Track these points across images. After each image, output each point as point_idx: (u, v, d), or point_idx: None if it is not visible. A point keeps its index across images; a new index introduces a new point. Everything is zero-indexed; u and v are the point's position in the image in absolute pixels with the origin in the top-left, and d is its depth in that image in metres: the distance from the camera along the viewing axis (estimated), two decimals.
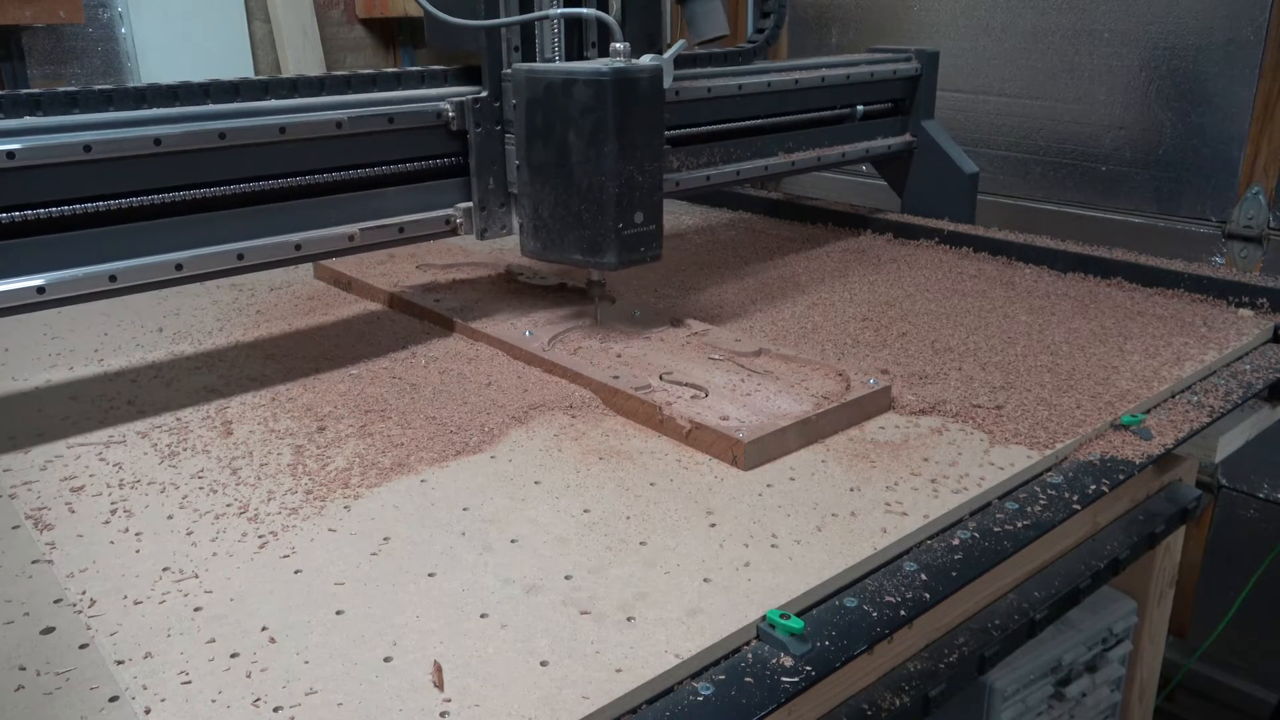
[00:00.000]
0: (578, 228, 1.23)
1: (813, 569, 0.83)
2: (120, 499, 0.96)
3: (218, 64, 3.00)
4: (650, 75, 1.20)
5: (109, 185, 1.08)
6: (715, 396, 1.12)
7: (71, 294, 1.07)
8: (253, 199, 1.19)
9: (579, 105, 1.17)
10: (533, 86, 1.21)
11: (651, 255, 1.27)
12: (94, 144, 1.05)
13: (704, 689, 0.71)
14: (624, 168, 1.19)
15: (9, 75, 2.58)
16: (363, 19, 3.36)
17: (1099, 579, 1.08)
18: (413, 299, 1.49)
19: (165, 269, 1.13)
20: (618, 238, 1.22)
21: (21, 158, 1.01)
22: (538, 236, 1.27)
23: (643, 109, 1.20)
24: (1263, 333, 1.39)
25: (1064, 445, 1.05)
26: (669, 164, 1.55)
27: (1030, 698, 1.26)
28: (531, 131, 1.23)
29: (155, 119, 1.10)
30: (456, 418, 1.13)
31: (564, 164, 1.21)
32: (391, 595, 0.80)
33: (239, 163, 1.16)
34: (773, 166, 1.72)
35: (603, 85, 1.16)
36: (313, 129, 1.19)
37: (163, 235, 1.13)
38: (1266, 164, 1.95)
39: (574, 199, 1.22)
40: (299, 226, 1.22)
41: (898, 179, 2.04)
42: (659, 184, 1.25)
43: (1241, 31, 1.93)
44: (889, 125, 1.97)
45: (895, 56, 1.95)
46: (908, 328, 1.42)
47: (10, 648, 0.75)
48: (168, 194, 1.12)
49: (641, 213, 1.23)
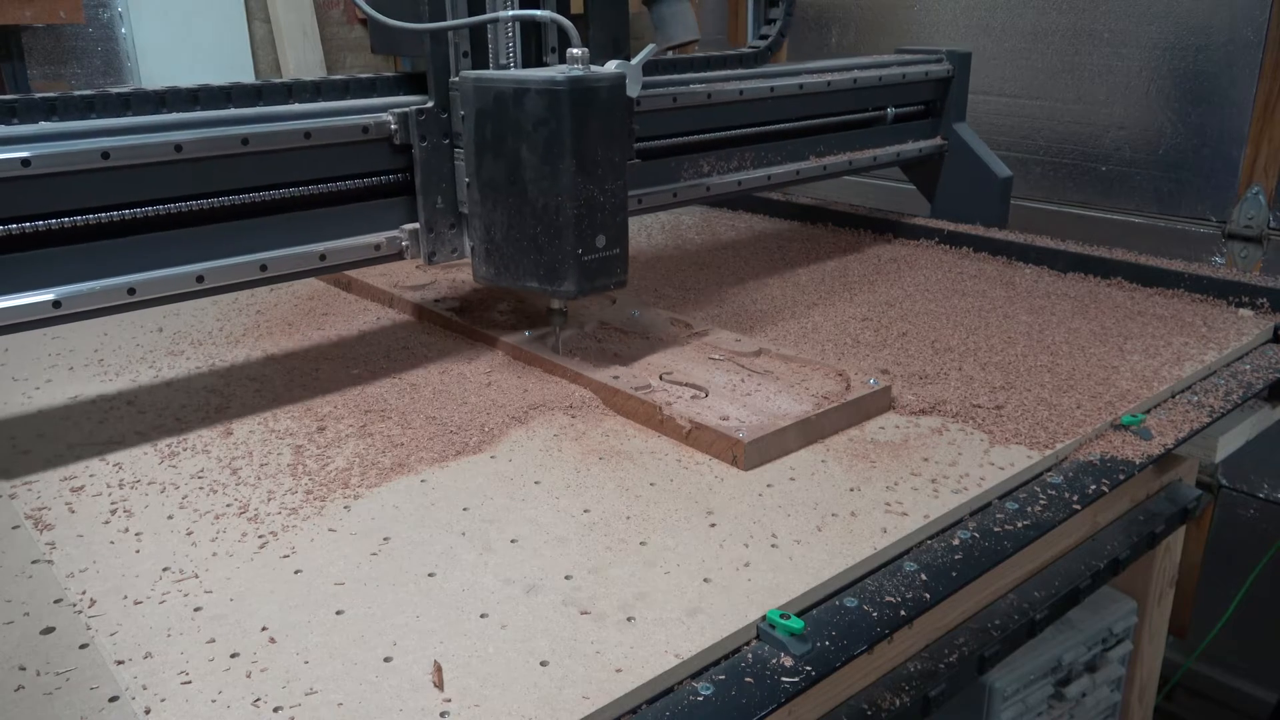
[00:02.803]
0: (533, 252, 1.13)
1: (813, 569, 0.83)
2: (120, 499, 0.96)
3: (218, 64, 3.00)
4: (611, 84, 1.10)
5: (128, 194, 1.04)
6: (715, 396, 1.12)
7: (88, 308, 1.03)
8: (276, 207, 1.14)
9: (532, 117, 1.08)
10: (481, 96, 1.11)
11: (616, 282, 1.17)
12: (112, 150, 1.00)
13: (704, 689, 0.71)
14: (583, 186, 1.10)
15: (9, 75, 2.58)
16: (363, 19, 3.36)
17: (1099, 579, 1.09)
18: (413, 299, 1.49)
19: (186, 281, 1.08)
20: (577, 263, 1.12)
21: (37, 165, 0.97)
22: (491, 261, 1.17)
23: (603, 121, 1.10)
24: (1263, 333, 1.39)
25: (1064, 445, 1.05)
26: (699, 168, 1.51)
27: (1030, 698, 1.26)
28: (481, 146, 1.13)
29: (175, 124, 1.07)
30: (456, 418, 1.13)
31: (517, 182, 1.11)
32: (391, 595, 0.80)
33: (263, 169, 1.12)
34: (804, 171, 1.68)
35: (557, 95, 1.06)
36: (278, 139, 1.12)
37: (183, 246, 1.09)
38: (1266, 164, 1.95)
39: (529, 221, 1.12)
40: (324, 236, 1.18)
41: (927, 183, 2.00)
42: (623, 204, 1.15)
43: (1241, 31, 1.93)
44: (920, 128, 1.92)
45: (926, 57, 1.91)
46: (908, 328, 1.42)
47: (10, 648, 0.75)
48: (188, 202, 1.08)
49: (604, 236, 1.13)
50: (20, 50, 2.59)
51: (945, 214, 1.95)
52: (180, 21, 2.91)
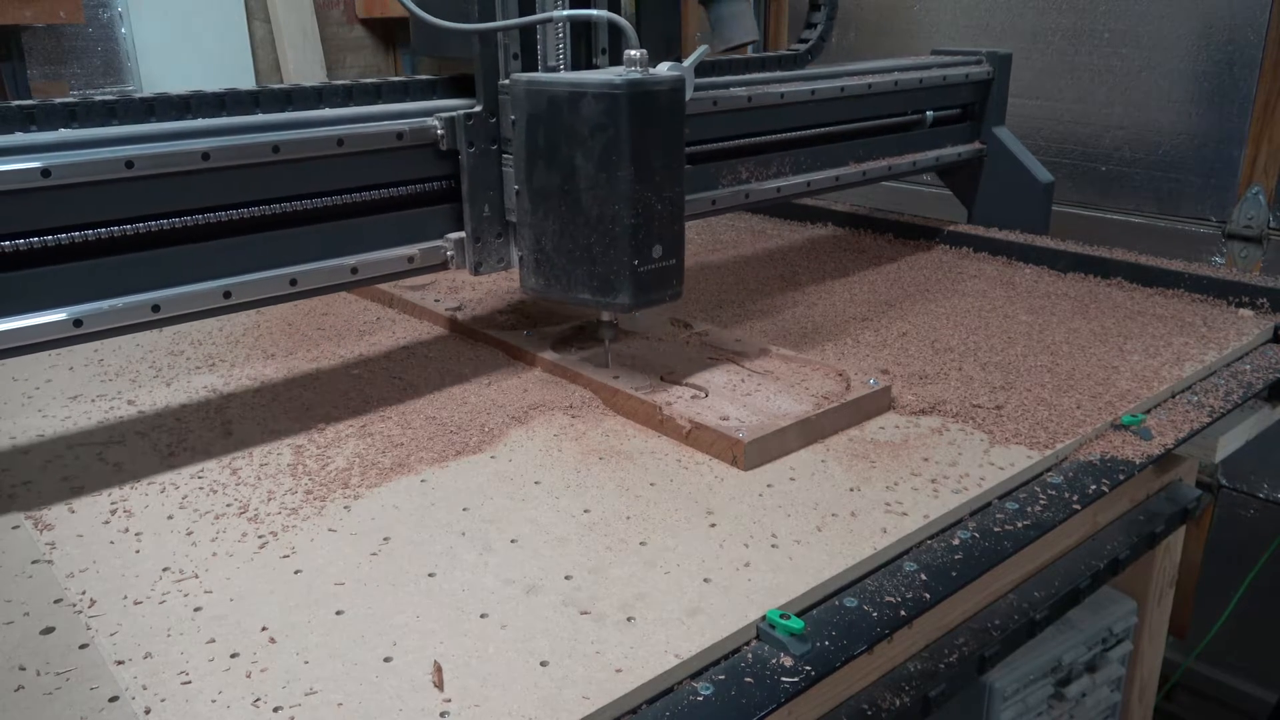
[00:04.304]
0: (586, 263, 1.07)
1: (813, 569, 0.83)
2: (120, 499, 0.96)
3: (218, 64, 3.00)
4: (671, 87, 1.05)
5: (152, 205, 0.98)
6: (715, 396, 1.12)
7: (111, 326, 0.97)
8: (309, 217, 1.09)
9: (588, 122, 1.03)
10: (534, 100, 1.06)
11: (671, 295, 1.11)
12: (137, 159, 0.94)
13: (704, 689, 0.71)
14: (641, 194, 1.04)
15: (9, 75, 2.58)
16: (363, 19, 3.36)
17: (1099, 579, 1.08)
18: (413, 299, 1.49)
19: (213, 297, 1.02)
20: (633, 275, 1.06)
21: (58, 176, 0.91)
22: (540, 272, 1.12)
23: (662, 126, 1.05)
24: (1263, 333, 1.39)
25: (1064, 445, 1.05)
26: (737, 174, 1.45)
27: (1030, 698, 1.26)
28: (533, 151, 1.08)
29: (201, 130, 1.01)
30: (456, 418, 1.13)
31: (570, 190, 1.06)
32: (391, 595, 0.80)
33: (295, 178, 1.06)
34: (844, 177, 1.62)
35: (616, 99, 1.01)
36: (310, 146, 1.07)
37: (210, 259, 1.03)
38: (1266, 164, 1.95)
39: (582, 230, 1.06)
40: (358, 248, 1.13)
41: (965, 189, 1.94)
42: (680, 212, 1.10)
43: (1241, 31, 1.93)
44: (958, 132, 1.86)
45: (965, 59, 1.86)
46: (908, 328, 1.42)
47: (10, 648, 0.75)
48: (216, 213, 1.02)
49: (660, 246, 1.07)
50: (20, 50, 2.59)
51: (985, 220, 1.90)
52: (180, 21, 2.91)
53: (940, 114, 1.81)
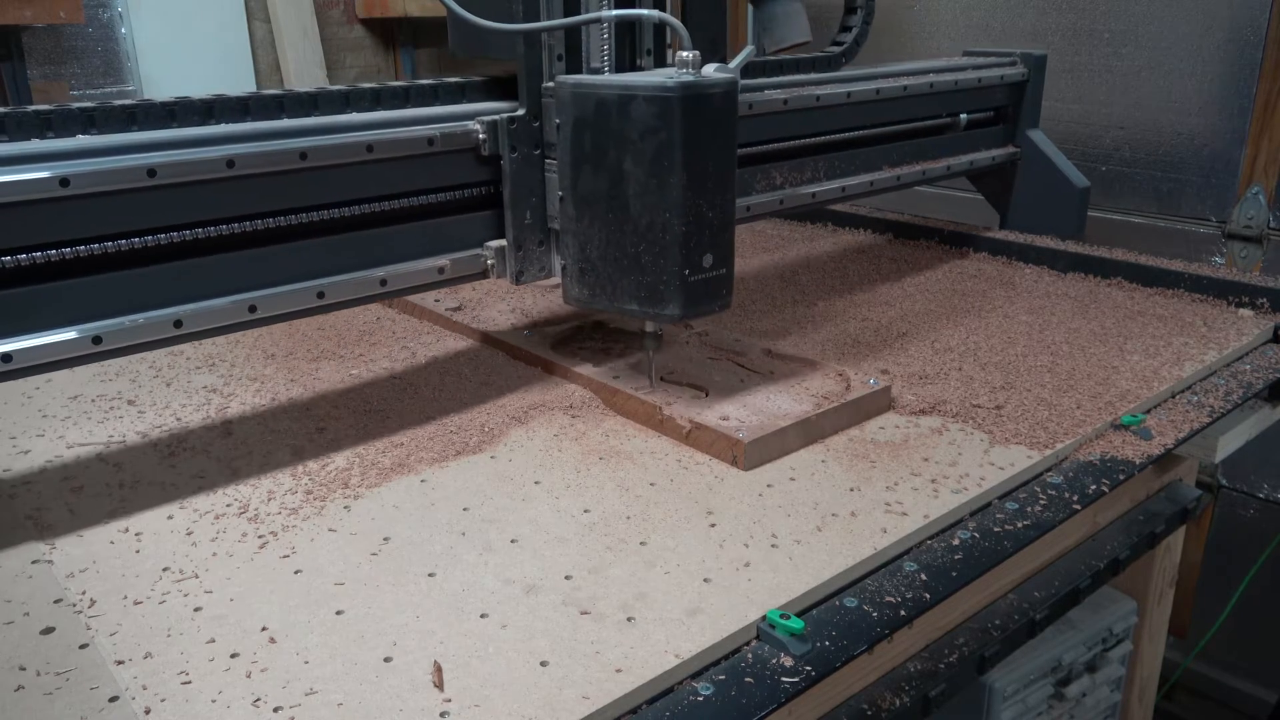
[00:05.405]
0: (634, 272, 1.03)
1: (813, 569, 0.83)
2: (120, 499, 0.96)
3: (217, 64, 3.00)
4: (725, 90, 1.00)
5: (175, 215, 0.93)
6: (715, 396, 1.12)
7: (131, 343, 0.92)
8: (341, 226, 1.04)
9: (639, 126, 0.98)
10: (580, 103, 1.02)
11: (721, 304, 1.07)
12: (159, 167, 0.90)
13: (704, 689, 0.71)
14: (692, 201, 1.00)
15: (9, 75, 2.58)
16: (363, 19, 3.36)
17: (1099, 579, 1.08)
18: (413, 299, 1.49)
19: (237, 311, 0.98)
20: (683, 284, 1.02)
21: (77, 185, 0.86)
22: (584, 281, 1.08)
23: (715, 130, 1.00)
24: (1263, 333, 1.39)
25: (1064, 445, 1.05)
26: (771, 179, 1.40)
27: (1030, 698, 1.26)
28: (579, 156, 1.04)
29: (225, 136, 0.96)
30: (456, 418, 1.13)
31: (618, 196, 1.02)
32: (391, 595, 0.80)
33: (324, 186, 1.02)
34: (878, 182, 1.57)
35: (669, 102, 0.97)
36: (340, 153, 1.02)
37: (234, 272, 0.98)
38: (1266, 164, 1.95)
39: (630, 238, 1.02)
40: (390, 259, 1.08)
41: (998, 193, 1.89)
42: (731, 219, 1.05)
43: (1241, 31, 1.93)
44: (991, 135, 1.81)
45: (999, 60, 1.80)
46: (908, 328, 1.42)
47: (10, 648, 0.75)
48: (241, 223, 0.97)
49: (711, 254, 1.03)
50: (20, 50, 2.59)
51: (1018, 225, 1.86)
52: (180, 21, 2.91)
53: (973, 116, 1.76)
